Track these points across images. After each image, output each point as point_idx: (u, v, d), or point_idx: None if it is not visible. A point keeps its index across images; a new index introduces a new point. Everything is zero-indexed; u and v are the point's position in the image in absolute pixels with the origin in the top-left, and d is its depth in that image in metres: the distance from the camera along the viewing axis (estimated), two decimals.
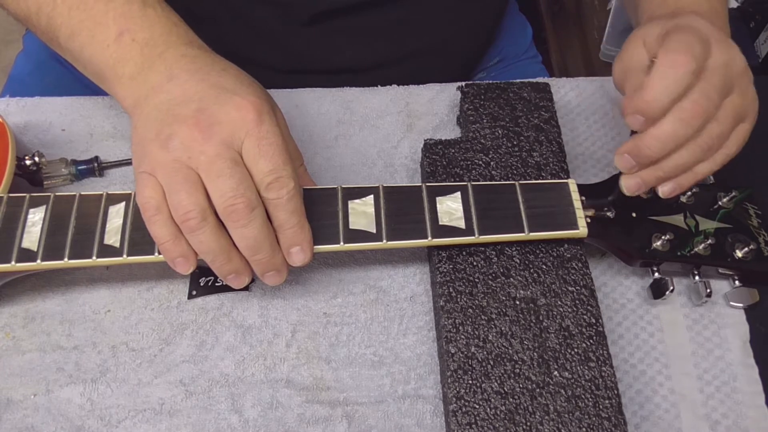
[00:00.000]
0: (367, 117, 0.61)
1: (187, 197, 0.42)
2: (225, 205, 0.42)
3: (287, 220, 0.44)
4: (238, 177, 0.42)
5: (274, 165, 0.43)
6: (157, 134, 0.43)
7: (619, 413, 0.44)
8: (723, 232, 0.50)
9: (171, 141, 0.42)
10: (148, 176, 0.43)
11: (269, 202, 0.43)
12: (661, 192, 0.48)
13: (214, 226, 0.43)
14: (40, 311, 0.50)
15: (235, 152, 0.43)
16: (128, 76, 0.46)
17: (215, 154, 0.42)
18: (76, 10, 0.48)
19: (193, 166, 0.42)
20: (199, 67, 0.45)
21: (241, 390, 0.48)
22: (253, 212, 0.42)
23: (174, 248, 0.44)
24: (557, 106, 0.58)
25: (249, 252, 0.44)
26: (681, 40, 0.44)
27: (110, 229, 0.46)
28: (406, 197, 0.48)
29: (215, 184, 0.42)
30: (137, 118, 0.45)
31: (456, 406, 0.44)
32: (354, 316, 0.51)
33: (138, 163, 0.44)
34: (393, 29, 0.67)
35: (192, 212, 0.42)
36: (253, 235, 0.43)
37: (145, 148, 0.44)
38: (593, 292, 0.49)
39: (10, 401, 0.47)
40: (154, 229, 0.43)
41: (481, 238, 0.48)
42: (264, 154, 0.43)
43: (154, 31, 0.47)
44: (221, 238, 0.43)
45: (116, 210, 0.47)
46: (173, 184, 0.42)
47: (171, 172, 0.42)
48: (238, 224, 0.43)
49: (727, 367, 0.50)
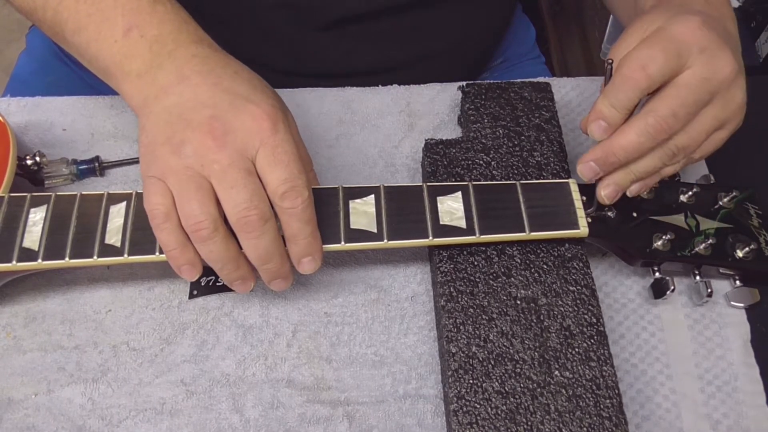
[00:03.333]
0: (368, 117, 0.61)
1: (199, 207, 0.41)
2: (238, 216, 0.41)
3: (301, 230, 0.44)
4: (251, 188, 0.41)
5: (289, 174, 0.42)
6: (168, 139, 0.42)
7: (620, 413, 0.44)
8: (724, 232, 0.50)
9: (183, 147, 0.42)
10: (157, 181, 0.42)
11: (283, 211, 0.43)
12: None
13: (224, 236, 0.43)
14: (41, 311, 0.50)
15: (248, 161, 0.42)
16: (136, 74, 0.45)
17: (229, 163, 0.41)
18: (83, 4, 0.47)
19: (206, 174, 0.42)
20: (210, 68, 0.45)
21: (242, 390, 0.48)
22: (266, 224, 0.42)
23: (181, 255, 0.43)
24: (558, 105, 0.58)
25: (259, 262, 0.44)
26: (642, 55, 0.43)
27: (111, 228, 0.46)
28: (407, 197, 0.48)
29: (228, 194, 0.41)
30: (146, 119, 0.44)
31: (457, 406, 0.44)
32: (355, 316, 0.51)
33: (147, 167, 0.43)
34: (406, 35, 0.67)
35: (204, 222, 0.41)
36: (264, 246, 0.43)
37: (155, 152, 0.43)
38: (594, 291, 0.49)
39: (11, 401, 0.47)
40: (162, 236, 0.43)
41: (482, 237, 0.48)
42: (279, 163, 0.42)
43: (164, 28, 0.46)
44: (231, 247, 0.43)
45: (117, 209, 0.47)
46: (185, 192, 0.42)
47: (183, 180, 0.42)
48: (251, 236, 0.42)
49: (728, 366, 0.50)
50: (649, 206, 0.51)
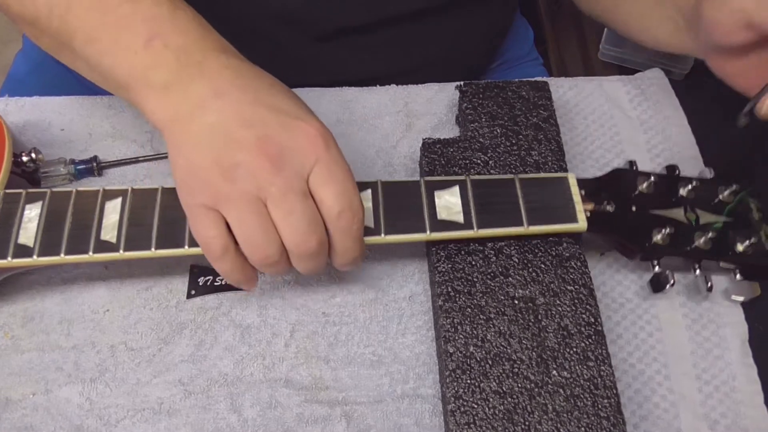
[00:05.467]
0: (366, 116, 0.61)
1: (264, 239, 0.40)
2: (297, 243, 0.40)
3: (352, 247, 0.43)
4: (309, 213, 0.40)
5: (344, 190, 0.41)
6: (216, 162, 0.39)
7: (617, 413, 0.44)
8: (724, 226, 0.50)
9: (237, 171, 0.39)
10: (207, 211, 0.40)
11: (337, 229, 0.42)
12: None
13: (288, 260, 0.42)
14: (39, 311, 0.50)
15: (304, 183, 0.40)
16: (162, 87, 0.41)
17: (287, 186, 0.39)
18: (95, 12, 0.43)
19: (262, 197, 0.40)
20: (246, 83, 0.42)
21: (239, 389, 0.48)
22: (322, 250, 0.42)
23: (242, 276, 0.43)
24: (556, 105, 0.58)
25: (306, 273, 0.44)
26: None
27: (107, 224, 0.46)
28: (404, 192, 0.48)
29: (288, 221, 0.40)
30: (180, 137, 0.41)
31: (454, 406, 0.44)
32: (353, 316, 0.51)
33: (191, 194, 0.41)
34: (405, 44, 0.67)
35: (270, 254, 0.40)
36: (316, 266, 0.43)
37: (200, 177, 0.40)
38: (592, 291, 0.49)
39: (9, 401, 0.47)
40: (223, 267, 0.42)
41: (480, 232, 0.48)
42: (335, 181, 0.41)
43: (189, 37, 0.42)
44: (289, 265, 0.43)
45: (113, 206, 0.47)
46: (246, 222, 0.40)
47: (241, 208, 0.40)
48: (308, 260, 0.42)
49: (726, 366, 0.50)
50: (648, 200, 0.50)
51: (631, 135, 0.60)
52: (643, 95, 0.63)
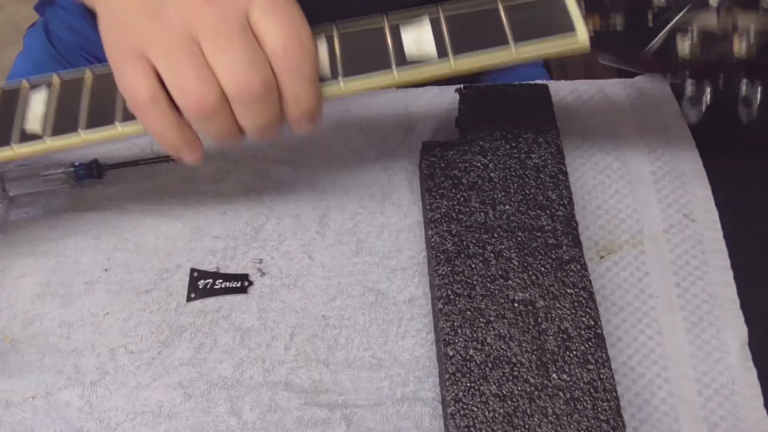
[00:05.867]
0: (366, 119, 0.61)
1: (198, 80, 0.35)
2: (239, 84, 0.36)
3: (305, 93, 0.37)
4: (250, 49, 0.35)
5: (290, 20, 0.36)
6: (141, 4, 0.36)
7: (617, 416, 0.44)
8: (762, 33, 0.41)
9: (164, 8, 0.35)
10: (133, 57, 0.36)
11: (285, 68, 0.36)
12: None
13: (230, 110, 0.37)
14: (39, 314, 0.50)
15: (243, 16, 0.36)
16: None
17: (221, 19, 0.35)
18: None
19: (194, 35, 0.35)
20: None
21: (239, 393, 0.48)
22: (269, 92, 0.36)
23: (178, 137, 0.38)
24: (556, 108, 0.58)
25: (256, 134, 0.39)
26: None
27: (32, 117, 0.42)
28: (365, 33, 0.41)
29: (224, 58, 0.35)
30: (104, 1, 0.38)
31: (454, 409, 0.44)
32: (352, 319, 0.51)
33: (115, 43, 0.37)
34: None
35: (207, 98, 0.35)
36: (267, 117, 0.38)
37: (123, 21, 0.36)
38: (592, 294, 0.49)
39: (9, 404, 0.47)
40: (152, 120, 0.37)
41: (458, 62, 0.40)
42: (278, 11, 0.36)
43: None
44: (233, 121, 0.37)
45: (38, 97, 0.42)
46: (176, 64, 0.35)
47: (171, 49, 0.35)
48: (252, 107, 0.37)
49: (726, 369, 0.50)
50: (665, 14, 0.42)
51: (632, 138, 0.60)
52: (644, 98, 0.63)
